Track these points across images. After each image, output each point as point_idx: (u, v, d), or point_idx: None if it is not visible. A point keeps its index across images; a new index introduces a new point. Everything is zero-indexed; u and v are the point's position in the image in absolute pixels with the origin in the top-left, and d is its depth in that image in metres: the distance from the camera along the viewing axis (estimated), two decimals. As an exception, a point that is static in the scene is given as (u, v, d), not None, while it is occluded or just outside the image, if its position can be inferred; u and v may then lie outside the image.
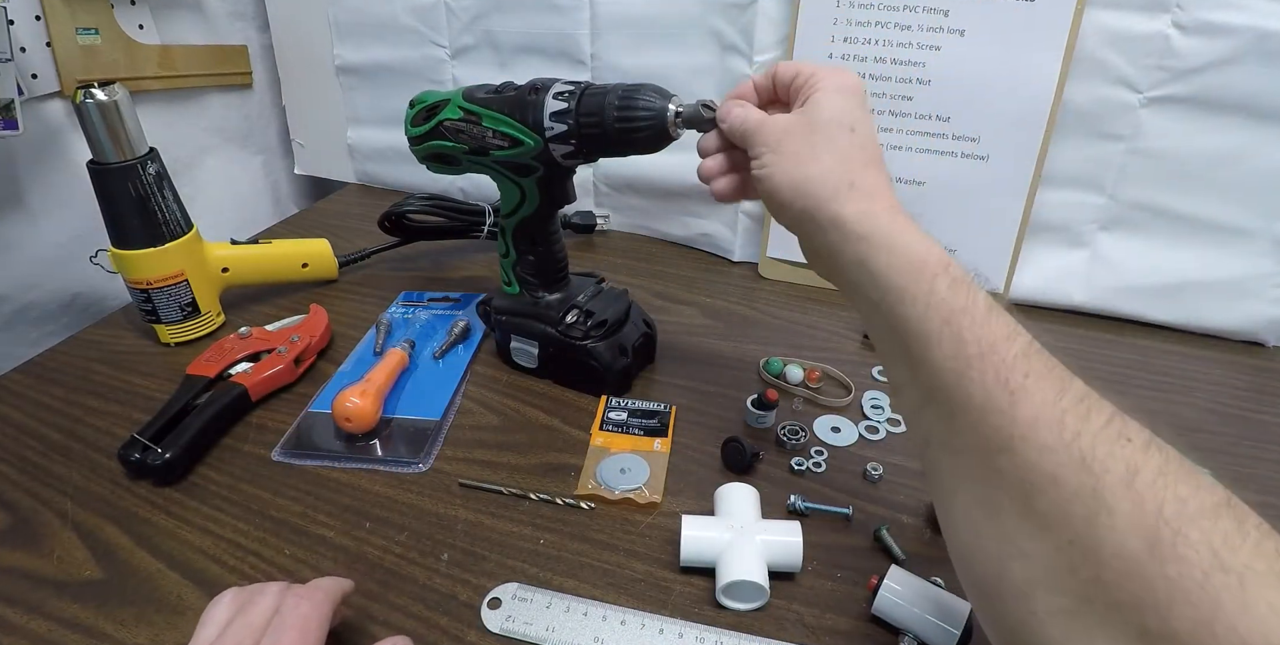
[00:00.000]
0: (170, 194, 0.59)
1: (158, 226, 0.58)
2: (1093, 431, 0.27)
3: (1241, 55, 0.57)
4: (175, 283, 0.60)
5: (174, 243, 0.59)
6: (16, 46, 0.63)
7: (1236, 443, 0.54)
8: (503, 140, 0.50)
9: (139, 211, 0.57)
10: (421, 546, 0.45)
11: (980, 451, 0.29)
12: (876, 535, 0.46)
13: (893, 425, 0.55)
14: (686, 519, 0.43)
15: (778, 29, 0.68)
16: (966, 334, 0.30)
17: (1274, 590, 0.22)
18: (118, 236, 0.58)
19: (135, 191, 0.56)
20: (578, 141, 0.48)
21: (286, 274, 0.71)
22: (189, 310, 0.62)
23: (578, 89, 0.47)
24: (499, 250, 0.58)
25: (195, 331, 0.63)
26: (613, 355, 0.56)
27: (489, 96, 0.51)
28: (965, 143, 0.65)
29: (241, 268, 0.66)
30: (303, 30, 0.88)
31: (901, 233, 0.35)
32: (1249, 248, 0.63)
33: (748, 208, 0.76)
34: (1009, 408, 0.28)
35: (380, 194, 0.95)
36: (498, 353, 0.62)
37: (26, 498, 0.48)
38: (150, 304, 0.60)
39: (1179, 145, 0.62)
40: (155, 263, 0.59)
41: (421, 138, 0.55)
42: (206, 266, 0.63)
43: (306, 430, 0.54)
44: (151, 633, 0.39)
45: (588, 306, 0.57)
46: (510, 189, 0.54)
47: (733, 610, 0.41)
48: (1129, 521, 0.24)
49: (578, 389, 0.58)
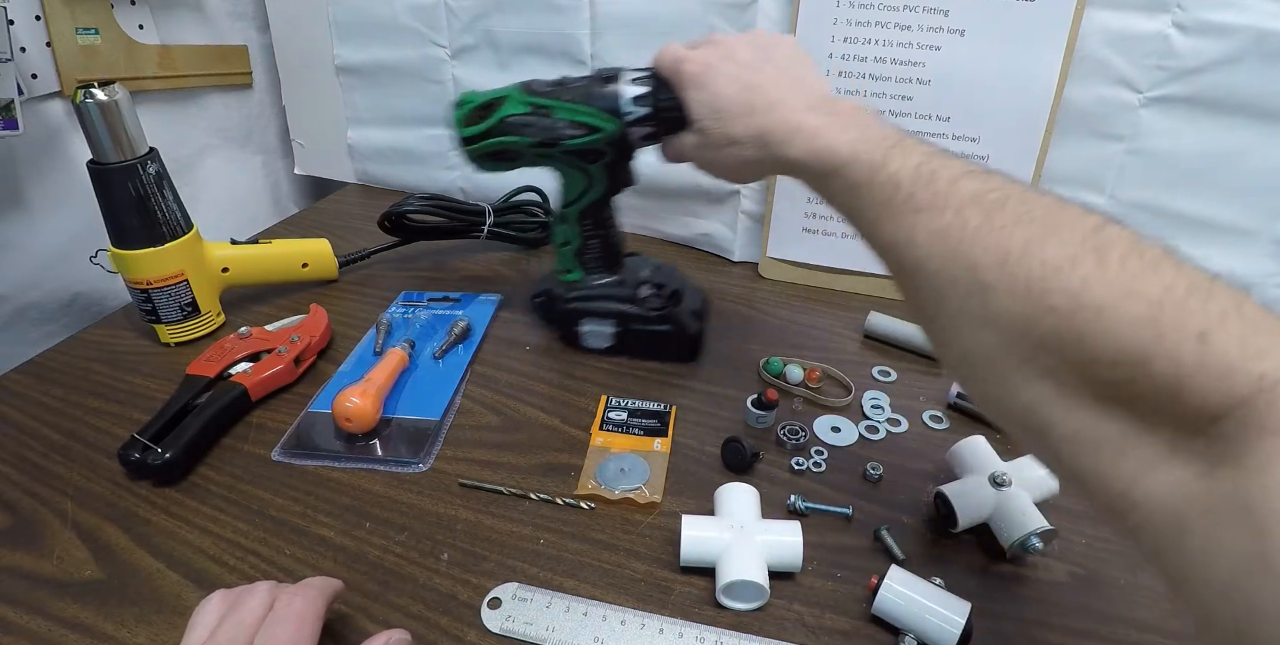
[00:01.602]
0: (170, 194, 0.59)
1: (158, 226, 0.58)
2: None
3: (1241, 55, 0.57)
4: (175, 283, 0.60)
5: (174, 243, 0.59)
6: (16, 46, 0.63)
7: (1236, 443, 0.54)
8: (578, 129, 0.52)
9: (139, 211, 0.57)
10: (421, 546, 0.45)
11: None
12: (876, 535, 0.46)
13: (893, 425, 0.55)
14: (686, 519, 0.43)
15: (777, 29, 0.68)
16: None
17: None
18: (117, 236, 0.58)
19: (135, 191, 0.56)
20: (657, 124, 0.50)
21: (287, 274, 0.71)
22: (189, 310, 0.62)
23: (651, 75, 0.50)
24: (558, 240, 0.60)
25: (195, 331, 0.63)
26: (690, 321, 0.60)
27: (555, 89, 0.52)
28: (965, 143, 0.65)
29: (241, 268, 0.66)
30: (303, 30, 0.88)
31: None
32: (1249, 248, 0.63)
33: (748, 208, 0.76)
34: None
35: (380, 194, 0.95)
36: (562, 340, 0.63)
37: (26, 498, 0.48)
38: (150, 304, 0.60)
39: (1179, 145, 0.62)
40: (155, 263, 0.59)
41: (480, 136, 0.54)
42: (206, 266, 0.63)
43: (306, 430, 0.54)
44: (151, 632, 0.39)
45: (655, 280, 0.60)
46: (575, 178, 0.56)
47: (733, 610, 0.41)
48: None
49: (657, 360, 0.61)
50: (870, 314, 0.65)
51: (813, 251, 0.73)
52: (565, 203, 0.58)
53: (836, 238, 0.72)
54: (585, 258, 0.60)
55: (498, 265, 0.77)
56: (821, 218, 0.72)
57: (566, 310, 0.61)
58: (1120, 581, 0.44)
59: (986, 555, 0.45)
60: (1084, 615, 0.41)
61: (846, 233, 0.71)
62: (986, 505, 0.45)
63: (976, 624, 0.38)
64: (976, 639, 0.39)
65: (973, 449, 0.49)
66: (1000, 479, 0.45)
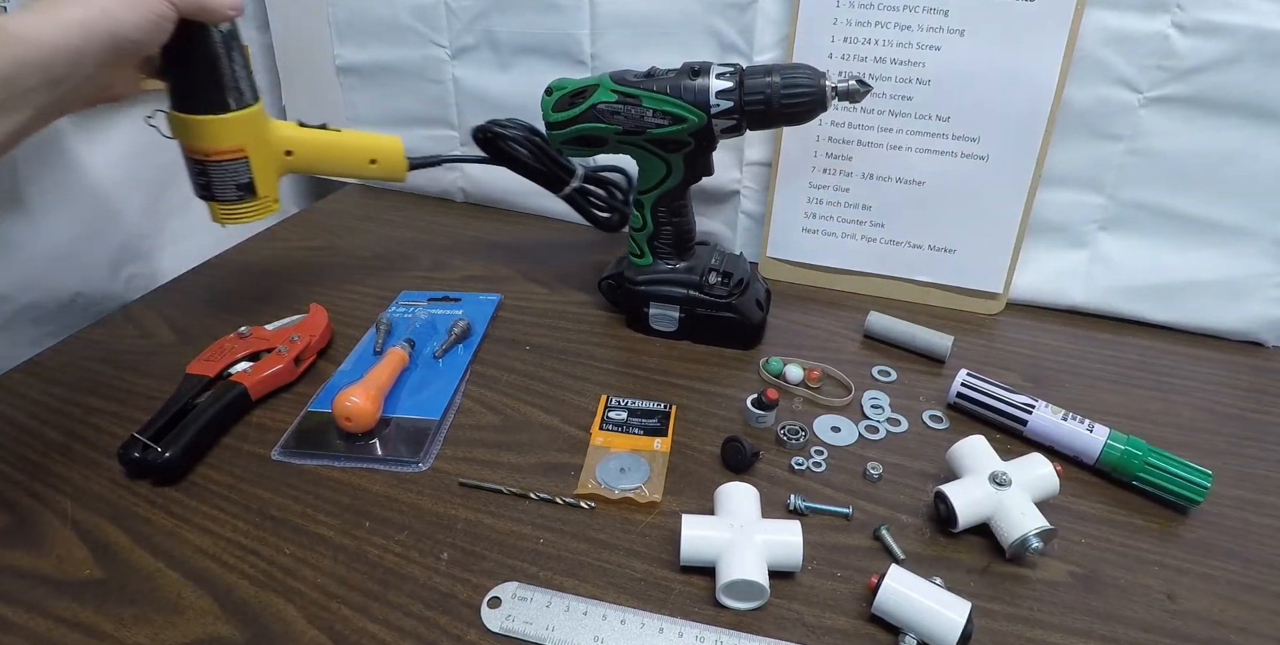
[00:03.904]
0: (240, 60, 0.54)
1: (221, 91, 0.53)
2: None
3: (1241, 55, 0.58)
4: (234, 158, 0.55)
5: (237, 113, 0.54)
6: (17, 46, 0.63)
7: (1236, 443, 0.54)
8: (663, 119, 0.54)
9: (203, 72, 0.52)
10: (421, 546, 0.45)
11: None
12: (876, 535, 0.46)
13: (893, 425, 0.55)
14: (686, 518, 0.43)
15: (777, 29, 0.68)
16: None
17: None
18: (178, 98, 0.53)
19: (201, 49, 0.51)
20: (740, 117, 0.53)
21: (352, 168, 0.65)
22: (244, 190, 0.57)
23: (737, 70, 0.53)
24: (633, 224, 0.63)
25: (248, 215, 0.58)
26: (753, 309, 0.62)
27: (643, 80, 0.55)
28: (965, 143, 0.65)
29: (307, 152, 0.61)
30: (303, 30, 0.88)
31: None
32: (1249, 248, 0.63)
33: (748, 208, 0.76)
34: None
35: (380, 194, 0.95)
36: (629, 324, 0.66)
37: (26, 498, 0.48)
38: (205, 178, 0.56)
39: (1179, 145, 0.62)
40: (216, 131, 0.54)
41: (569, 121, 0.57)
42: (270, 146, 0.58)
43: (306, 430, 0.54)
44: (151, 632, 0.39)
45: (723, 269, 0.62)
46: (656, 165, 0.58)
47: (733, 610, 0.41)
48: None
49: (720, 345, 0.63)
50: (870, 314, 0.65)
51: (813, 251, 0.73)
52: (642, 189, 0.60)
53: (836, 238, 0.72)
54: (656, 243, 0.62)
55: (499, 264, 0.77)
56: (822, 218, 0.72)
57: (634, 293, 0.64)
58: (1120, 581, 0.44)
59: (986, 555, 0.45)
60: (1084, 615, 0.41)
61: (847, 233, 0.72)
62: (986, 505, 0.45)
63: (976, 624, 0.38)
64: (976, 639, 0.39)
65: (973, 449, 0.48)
66: (1000, 479, 0.45)
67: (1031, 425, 0.53)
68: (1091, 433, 0.51)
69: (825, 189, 0.71)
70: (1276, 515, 0.48)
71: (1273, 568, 0.45)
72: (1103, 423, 0.52)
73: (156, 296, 0.72)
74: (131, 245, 0.78)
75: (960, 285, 0.70)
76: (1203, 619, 0.42)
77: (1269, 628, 0.41)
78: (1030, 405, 0.53)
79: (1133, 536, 0.47)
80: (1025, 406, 0.53)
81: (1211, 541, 0.46)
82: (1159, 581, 0.44)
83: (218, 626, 0.40)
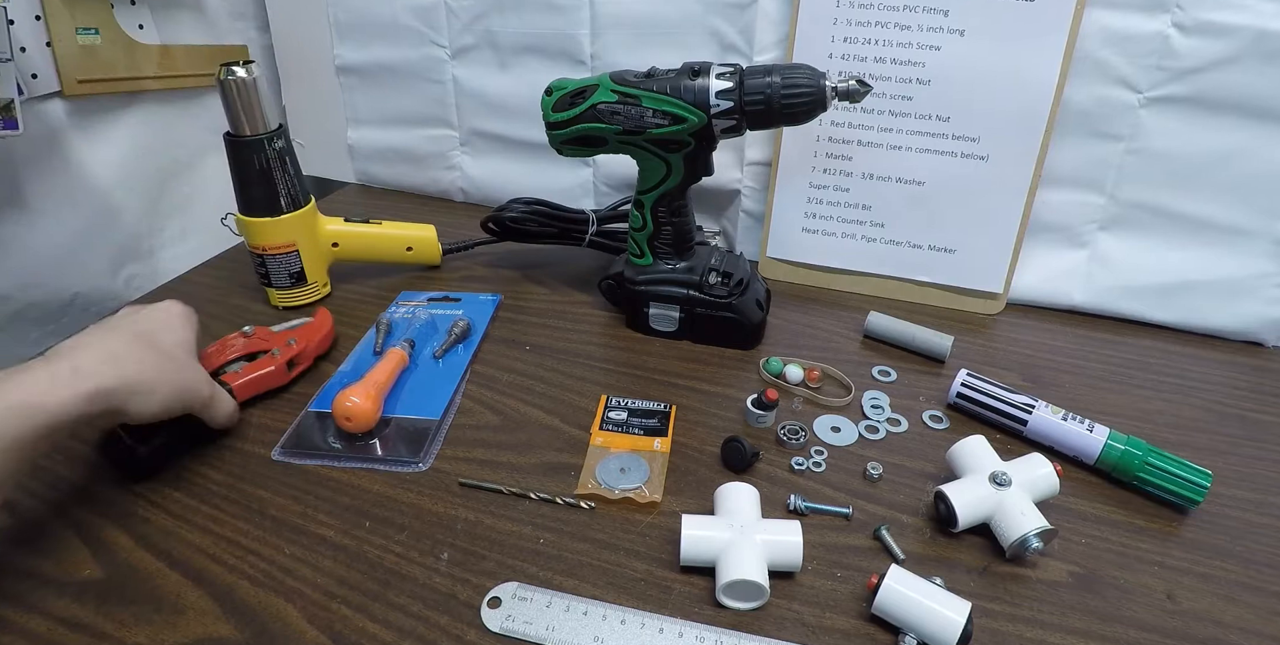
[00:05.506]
0: (293, 169, 0.63)
1: (277, 198, 0.63)
2: None
3: (1241, 55, 0.58)
4: (287, 252, 0.65)
5: (290, 215, 0.64)
6: (16, 46, 0.63)
7: (1236, 443, 0.54)
8: (663, 119, 0.54)
9: (262, 182, 0.62)
10: (421, 546, 0.45)
11: None
12: (876, 535, 0.46)
13: (893, 425, 0.55)
14: (686, 518, 0.43)
15: (777, 29, 0.68)
16: None
17: None
18: (244, 203, 0.63)
19: (260, 164, 0.61)
20: (740, 117, 0.53)
21: (391, 255, 0.73)
22: (296, 278, 0.67)
23: (737, 70, 0.53)
24: (633, 224, 0.63)
25: (301, 299, 0.68)
26: (753, 310, 0.62)
27: (643, 80, 0.55)
28: (965, 143, 0.65)
29: (350, 244, 0.70)
30: (303, 30, 0.88)
31: None
32: (1248, 248, 0.63)
33: (748, 207, 0.76)
34: None
35: (380, 194, 0.95)
36: (629, 324, 0.66)
37: (26, 498, 0.48)
38: (264, 268, 0.66)
39: (1178, 145, 0.62)
40: (271, 231, 0.64)
41: (569, 121, 0.57)
42: (318, 240, 0.68)
43: (306, 430, 0.54)
44: (151, 632, 0.39)
45: (723, 269, 0.62)
46: (656, 165, 0.58)
47: (733, 610, 0.41)
48: None
49: (720, 345, 0.63)
50: (870, 314, 0.65)
51: (812, 251, 0.73)
52: (642, 189, 0.60)
53: (836, 238, 0.72)
54: (656, 243, 0.62)
55: (499, 264, 0.77)
56: (822, 218, 0.72)
57: (634, 293, 0.64)
58: (1120, 581, 0.44)
59: (986, 555, 0.45)
60: (1084, 615, 0.41)
61: (847, 233, 0.72)
62: (986, 505, 0.45)
63: (976, 624, 0.38)
64: (976, 639, 0.39)
65: (973, 449, 0.48)
66: (1000, 479, 0.45)
67: (1031, 425, 0.53)
68: (1091, 433, 0.51)
69: (825, 189, 0.71)
70: (1276, 515, 0.48)
71: (1273, 568, 0.45)
72: (1103, 423, 0.52)
73: (156, 296, 0.71)
74: (131, 245, 0.78)
75: (960, 285, 0.70)
76: (1202, 619, 0.42)
77: (1269, 628, 0.41)
78: (1030, 405, 0.53)
79: (1133, 536, 0.47)
80: (1025, 406, 0.53)
81: (1211, 541, 0.46)
82: (1159, 581, 0.44)
83: (218, 626, 0.40)
